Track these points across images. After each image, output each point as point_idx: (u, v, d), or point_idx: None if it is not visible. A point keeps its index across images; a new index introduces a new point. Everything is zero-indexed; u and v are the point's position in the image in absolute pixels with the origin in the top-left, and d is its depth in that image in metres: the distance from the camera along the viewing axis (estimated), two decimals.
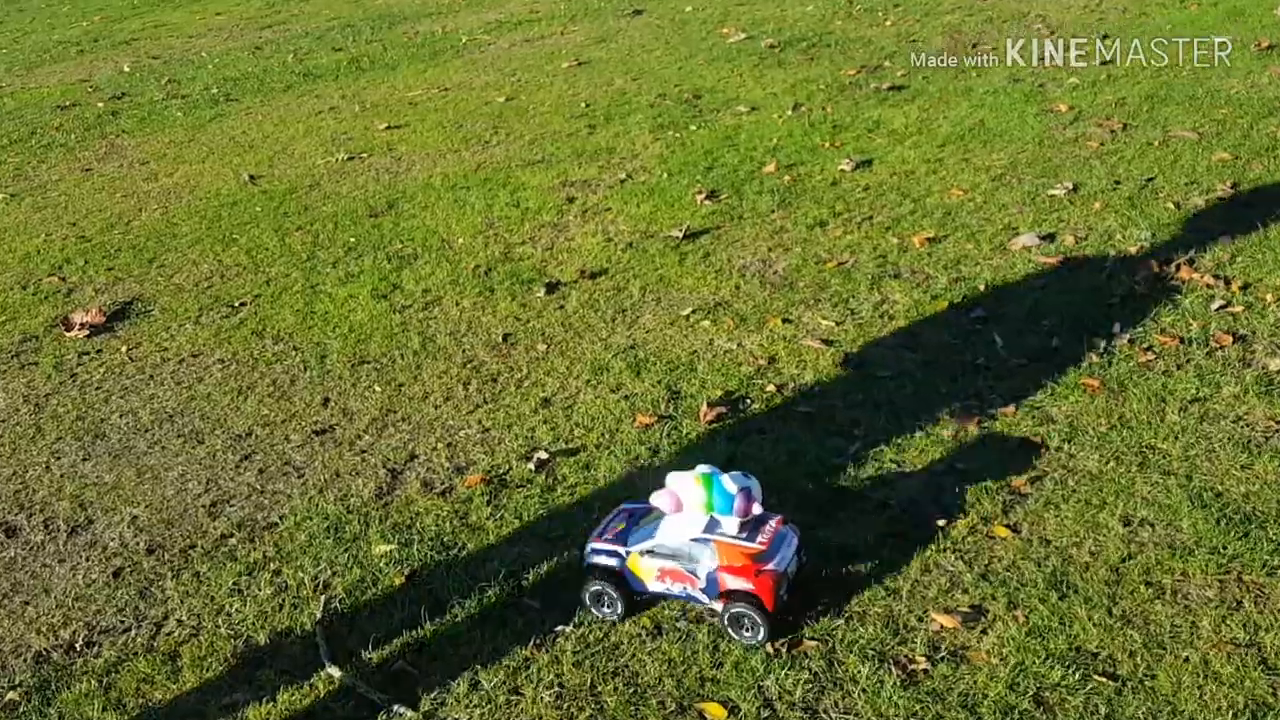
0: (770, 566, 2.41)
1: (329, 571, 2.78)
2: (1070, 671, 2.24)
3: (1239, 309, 3.49)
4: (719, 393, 3.38)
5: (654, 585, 2.51)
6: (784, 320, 3.77)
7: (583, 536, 2.78)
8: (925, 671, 2.30)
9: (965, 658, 2.32)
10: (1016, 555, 2.59)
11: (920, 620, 2.43)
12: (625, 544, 2.54)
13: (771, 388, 3.38)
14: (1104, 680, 2.22)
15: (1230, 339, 3.33)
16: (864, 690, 2.26)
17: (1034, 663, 2.28)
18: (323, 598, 2.68)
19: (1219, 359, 3.25)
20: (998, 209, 4.40)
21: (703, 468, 2.48)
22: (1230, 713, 2.11)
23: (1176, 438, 2.93)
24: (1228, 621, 2.32)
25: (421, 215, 5.06)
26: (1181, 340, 3.36)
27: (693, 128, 5.81)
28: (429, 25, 9.34)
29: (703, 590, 2.46)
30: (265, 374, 3.81)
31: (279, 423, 3.50)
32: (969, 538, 2.67)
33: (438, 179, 5.49)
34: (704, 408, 3.28)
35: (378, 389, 3.61)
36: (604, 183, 5.21)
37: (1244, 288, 3.60)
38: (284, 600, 2.70)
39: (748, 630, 2.41)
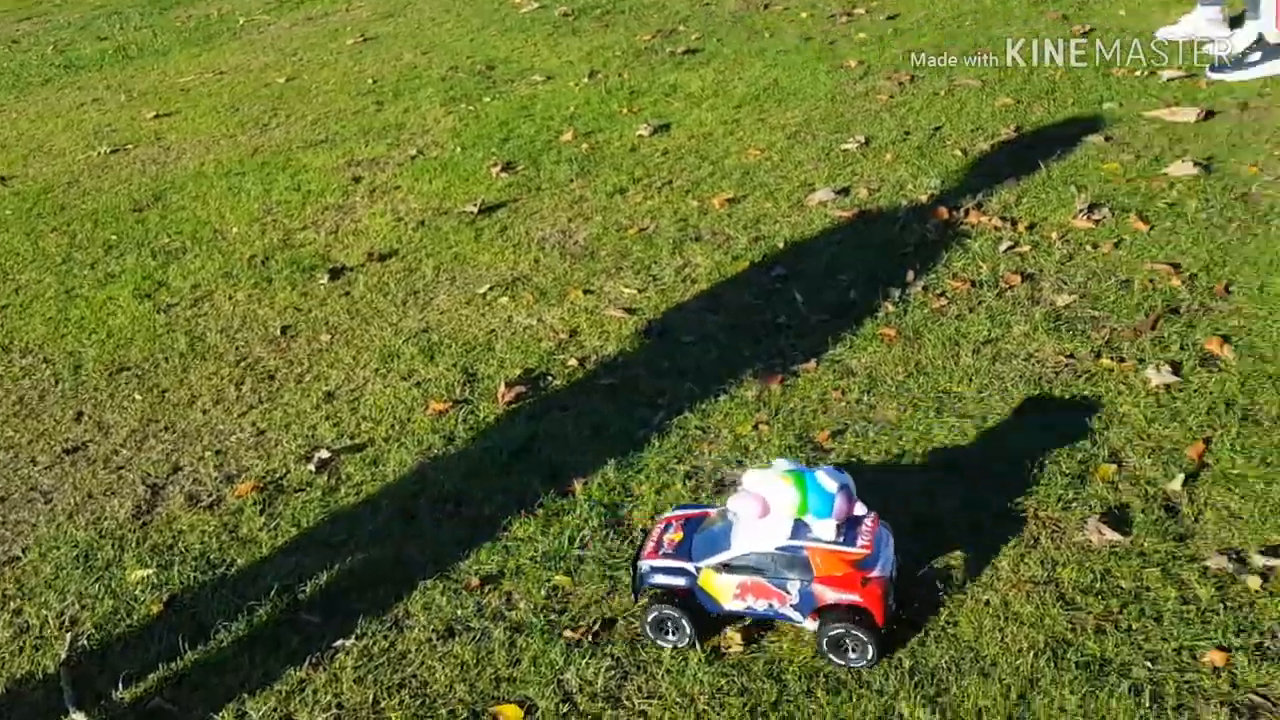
0: (877, 573, 2.07)
1: (77, 605, 2.46)
2: None
3: (1026, 248, 3.53)
4: (518, 371, 3.19)
5: (731, 604, 2.16)
6: (585, 291, 3.61)
7: (366, 539, 2.57)
8: (733, 643, 2.18)
9: (771, 625, 2.22)
10: None
11: None
12: (691, 558, 2.18)
13: (573, 362, 3.22)
14: (907, 631, 2.15)
15: (1019, 279, 3.36)
16: (668, 671, 2.13)
17: None
18: (69, 635, 2.37)
19: (1009, 299, 3.27)
20: (794, 166, 4.36)
21: (784, 463, 2.12)
22: (1031, 653, 2.07)
23: (971, 380, 2.92)
24: (1026, 560, 2.29)
25: (192, 206, 4.65)
26: (973, 283, 3.37)
27: (486, 99, 5.57)
28: (204, 8, 8.72)
29: (794, 606, 2.11)
30: (11, 391, 3.39)
31: (24, 444, 3.11)
32: None
33: (210, 166, 5.08)
34: (502, 388, 3.09)
35: (138, 398, 3.26)
36: (393, 160, 4.93)
37: (1030, 227, 3.65)
38: (24, 643, 2.38)
39: (852, 652, 2.07)
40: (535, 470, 2.74)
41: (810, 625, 2.13)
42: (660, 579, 2.19)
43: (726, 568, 2.13)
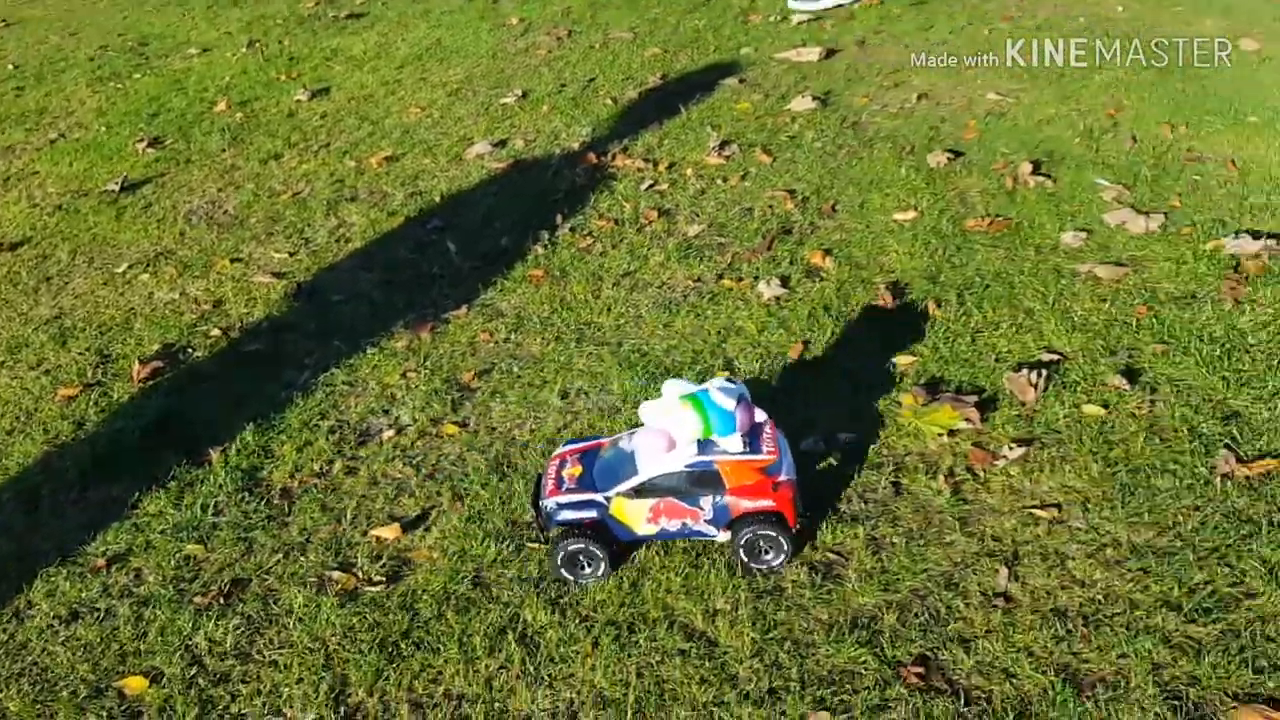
0: (784, 476, 2.11)
1: None
2: (504, 545, 2.27)
3: (665, 187, 3.74)
4: (156, 347, 3.08)
5: (644, 529, 2.15)
6: (233, 260, 3.51)
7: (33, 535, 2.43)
8: (368, 583, 2.23)
9: (407, 559, 2.28)
10: (463, 449, 2.59)
11: (364, 535, 2.36)
12: (597, 489, 2.14)
13: (217, 332, 3.14)
14: (536, 546, 2.27)
15: (657, 214, 3.56)
16: (300, 619, 2.15)
17: (473, 547, 2.28)
18: None
19: (648, 234, 3.46)
20: (454, 122, 4.40)
21: (678, 386, 2.08)
22: (645, 548, 2.24)
23: (610, 310, 3.08)
24: None
25: None
26: (616, 222, 3.54)
27: (137, 76, 5.27)
28: None
29: (708, 521, 2.12)
30: None
31: None
32: (418, 442, 2.63)
33: None
34: (137, 366, 2.98)
35: None
36: (31, 145, 4.58)
37: (669, 167, 3.87)
38: None
39: (769, 553, 2.11)
40: (170, 445, 2.67)
41: (723, 537, 2.16)
42: (569, 514, 2.16)
43: (638, 492, 2.13)
